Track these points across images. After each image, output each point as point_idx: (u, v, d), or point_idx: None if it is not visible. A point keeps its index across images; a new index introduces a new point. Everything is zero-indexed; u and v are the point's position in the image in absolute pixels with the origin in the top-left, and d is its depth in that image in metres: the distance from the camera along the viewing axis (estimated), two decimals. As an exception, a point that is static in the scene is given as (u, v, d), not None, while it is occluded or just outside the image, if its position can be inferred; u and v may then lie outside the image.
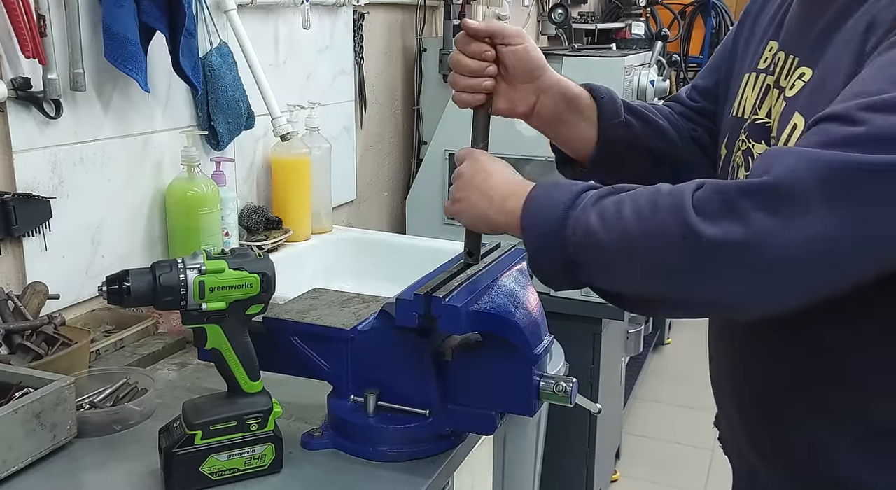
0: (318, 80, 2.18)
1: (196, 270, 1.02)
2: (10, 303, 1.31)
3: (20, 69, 1.38)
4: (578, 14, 4.06)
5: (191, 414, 1.07)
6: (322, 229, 2.13)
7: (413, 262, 1.53)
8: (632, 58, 2.29)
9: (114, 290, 1.00)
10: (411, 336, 1.09)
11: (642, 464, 3.21)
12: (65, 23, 1.42)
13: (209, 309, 1.03)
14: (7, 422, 1.04)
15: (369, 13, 2.36)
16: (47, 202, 1.44)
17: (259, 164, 2.01)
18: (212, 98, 1.74)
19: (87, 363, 1.35)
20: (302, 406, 1.25)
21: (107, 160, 1.57)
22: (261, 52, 1.87)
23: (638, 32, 3.93)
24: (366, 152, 2.50)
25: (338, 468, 1.12)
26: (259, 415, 1.08)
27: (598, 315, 2.35)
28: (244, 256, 1.06)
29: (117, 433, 1.20)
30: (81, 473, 1.11)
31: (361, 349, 1.14)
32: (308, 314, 1.19)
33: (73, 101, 1.47)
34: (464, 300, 1.03)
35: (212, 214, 1.67)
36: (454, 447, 1.16)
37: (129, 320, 1.52)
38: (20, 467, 1.07)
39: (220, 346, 1.06)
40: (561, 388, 1.08)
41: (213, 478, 1.07)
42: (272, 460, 1.10)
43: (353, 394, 1.15)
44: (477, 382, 1.10)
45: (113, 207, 1.59)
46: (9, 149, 1.38)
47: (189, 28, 1.56)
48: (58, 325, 1.33)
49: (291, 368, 1.19)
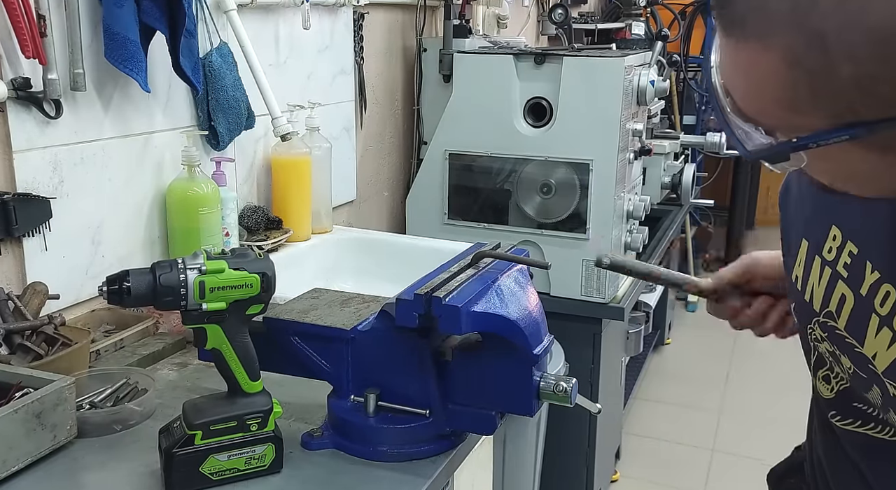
0: (318, 80, 2.18)
1: (196, 270, 1.02)
2: (10, 303, 1.31)
3: (20, 69, 1.38)
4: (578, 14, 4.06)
5: (191, 414, 1.07)
6: (322, 229, 2.13)
7: (413, 263, 1.53)
8: (632, 58, 2.28)
9: (114, 290, 1.00)
10: (411, 336, 1.09)
11: (642, 464, 3.21)
12: (65, 23, 1.42)
13: (209, 309, 1.03)
14: (7, 422, 1.04)
15: (369, 13, 2.36)
16: (47, 202, 1.44)
17: (259, 164, 2.01)
18: (212, 98, 1.74)
19: (88, 363, 1.35)
20: (302, 406, 1.25)
21: (107, 160, 1.57)
22: (261, 52, 1.87)
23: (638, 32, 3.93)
24: (366, 152, 2.50)
25: (338, 468, 1.12)
26: (259, 415, 1.08)
27: (598, 315, 2.35)
28: (244, 256, 1.06)
29: (117, 433, 1.20)
30: (81, 473, 1.11)
31: (361, 349, 1.14)
32: (308, 314, 1.19)
33: (73, 101, 1.47)
34: (464, 300, 1.03)
35: (212, 214, 1.67)
36: (454, 447, 1.16)
37: (130, 320, 1.52)
38: (20, 467, 1.07)
39: (221, 346, 1.06)
40: (561, 388, 1.09)
41: (214, 478, 1.07)
42: (272, 460, 1.10)
43: (354, 394, 1.15)
44: (477, 382, 1.10)
45: (113, 207, 1.59)
46: (9, 149, 1.38)
47: (189, 28, 1.56)
48: (58, 325, 1.33)
49: (291, 368, 1.19)
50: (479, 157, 2.37)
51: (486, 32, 3.01)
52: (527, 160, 2.30)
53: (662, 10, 4.46)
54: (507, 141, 2.32)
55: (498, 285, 1.10)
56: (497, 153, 2.34)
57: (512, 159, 2.33)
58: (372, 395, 1.13)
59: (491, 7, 3.09)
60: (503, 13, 3.15)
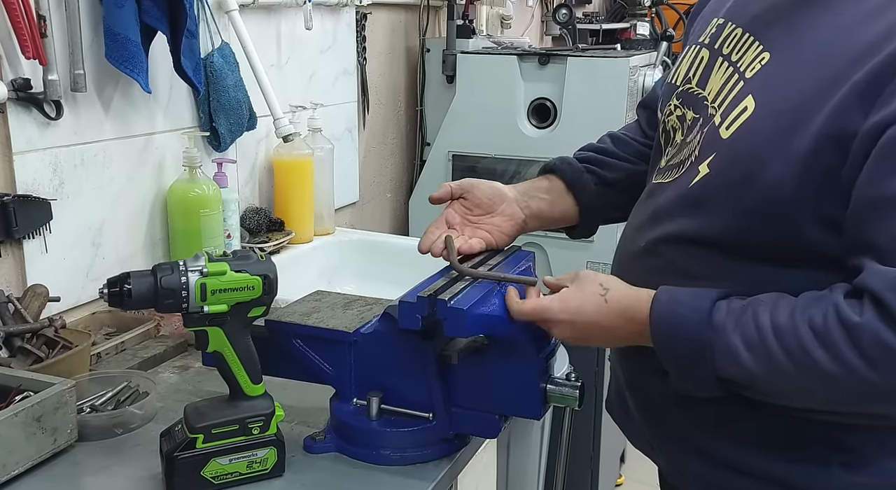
0: (320, 80, 2.17)
1: (198, 272, 1.01)
2: (10, 305, 1.31)
3: (20, 70, 1.37)
4: (583, 14, 4.05)
5: (192, 417, 1.07)
6: (324, 231, 2.12)
7: (416, 265, 1.51)
8: (637, 58, 2.28)
9: (115, 292, 0.99)
10: (415, 339, 1.08)
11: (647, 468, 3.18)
12: (65, 23, 1.41)
13: (211, 311, 1.02)
14: (7, 425, 1.04)
15: (372, 13, 2.35)
16: (48, 204, 1.43)
17: (261, 166, 2.00)
18: (213, 99, 1.73)
19: (88, 366, 1.34)
20: (304, 409, 1.25)
21: (108, 161, 1.56)
22: (263, 53, 1.86)
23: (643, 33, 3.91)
24: (368, 153, 2.49)
25: (340, 472, 1.11)
26: (261, 418, 1.08)
27: (602, 317, 2.33)
28: (246, 258, 1.05)
29: (118, 437, 1.19)
30: (82, 477, 1.11)
31: (364, 352, 1.13)
32: (310, 317, 1.18)
33: (73, 102, 1.47)
34: (469, 303, 1.02)
35: (213, 216, 1.66)
36: (458, 451, 1.15)
37: (131, 323, 1.52)
38: (20, 471, 1.07)
39: (222, 349, 1.06)
40: (567, 391, 1.08)
41: (215, 482, 1.06)
42: (274, 464, 1.09)
43: (356, 397, 1.15)
44: (482, 386, 1.09)
45: (114, 209, 1.59)
46: (9, 150, 1.38)
47: (190, 28, 1.56)
48: (58, 327, 1.32)
49: (293, 372, 1.18)
50: (482, 158, 2.36)
51: (489, 33, 3.00)
52: (531, 161, 2.29)
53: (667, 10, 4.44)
54: (510, 142, 2.31)
55: (503, 287, 1.08)
56: (501, 154, 2.34)
57: (516, 160, 2.32)
58: (375, 399, 1.13)
59: (494, 7, 3.08)
60: (507, 13, 3.14)
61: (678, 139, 1.06)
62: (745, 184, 0.92)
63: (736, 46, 1.00)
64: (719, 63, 1.02)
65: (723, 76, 1.00)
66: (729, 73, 0.99)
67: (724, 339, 0.89)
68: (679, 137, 1.06)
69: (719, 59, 1.02)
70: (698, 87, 1.04)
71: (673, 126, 1.09)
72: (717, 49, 1.03)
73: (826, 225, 0.89)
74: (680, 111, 1.07)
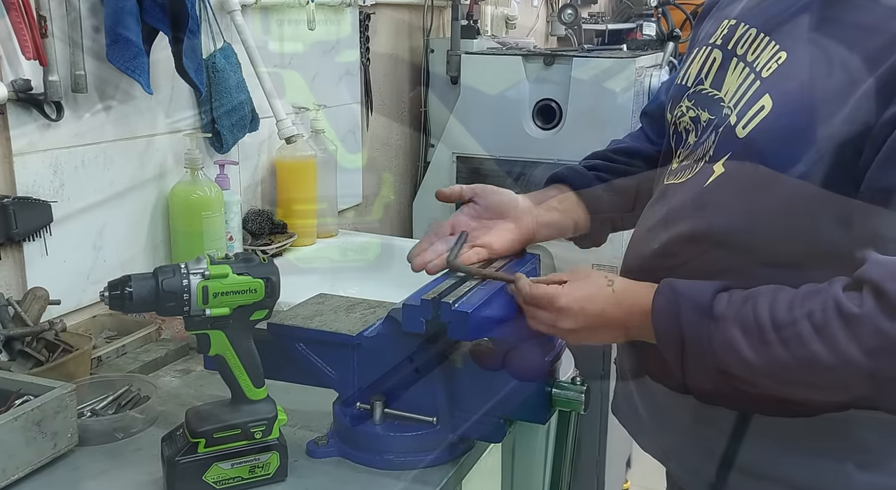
0: (323, 81, 2.17)
1: (199, 275, 1.00)
2: (10, 308, 1.31)
3: (21, 71, 1.37)
4: (588, 14, 4.04)
5: (194, 421, 1.06)
6: (327, 233, 2.11)
7: (420, 266, 1.51)
8: (643, 59, 2.27)
9: (116, 295, 0.98)
10: (418, 342, 1.07)
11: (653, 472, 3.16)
12: (66, 23, 1.40)
13: (213, 314, 1.01)
14: (7, 430, 1.03)
15: (375, 13, 2.35)
16: (48, 206, 1.42)
17: (263, 167, 1.99)
18: (215, 100, 1.72)
19: (89, 370, 1.34)
20: (307, 413, 1.24)
21: (108, 163, 1.55)
22: (265, 53, 1.85)
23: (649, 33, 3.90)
24: (372, 155, 2.48)
25: (343, 477, 1.10)
26: (263, 422, 1.07)
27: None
28: (248, 261, 1.04)
29: (119, 441, 1.19)
30: (83, 482, 1.10)
31: (368, 356, 1.13)
32: (313, 320, 1.17)
33: (74, 103, 1.46)
34: (473, 306, 1.01)
35: (215, 218, 1.66)
36: (462, 455, 1.14)
37: (132, 326, 1.51)
38: (20, 476, 1.06)
39: (224, 353, 1.05)
40: (573, 394, 1.07)
41: (217, 486, 1.06)
42: (277, 468, 1.08)
43: (359, 401, 1.14)
44: (487, 390, 1.08)
45: (115, 211, 1.58)
46: (9, 151, 1.37)
47: (192, 29, 1.55)
48: (59, 331, 1.32)
49: (296, 375, 1.17)
50: (487, 159, 2.35)
51: (494, 33, 3.00)
52: (536, 163, 2.28)
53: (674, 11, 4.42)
54: (515, 143, 2.30)
55: (508, 290, 1.07)
56: (506, 156, 2.33)
57: (521, 162, 2.31)
58: (378, 403, 1.12)
59: (499, 7, 3.07)
60: (512, 13, 3.13)
61: (691, 140, 1.06)
62: (761, 182, 0.91)
63: (751, 47, 1.00)
64: (734, 64, 1.01)
65: (739, 76, 1.00)
66: (745, 73, 0.99)
67: (723, 331, 0.89)
68: (692, 139, 1.06)
69: (734, 59, 1.02)
70: (713, 88, 1.04)
71: (686, 127, 1.08)
72: (730, 50, 1.03)
73: (844, 223, 0.88)
74: (693, 112, 1.06)
